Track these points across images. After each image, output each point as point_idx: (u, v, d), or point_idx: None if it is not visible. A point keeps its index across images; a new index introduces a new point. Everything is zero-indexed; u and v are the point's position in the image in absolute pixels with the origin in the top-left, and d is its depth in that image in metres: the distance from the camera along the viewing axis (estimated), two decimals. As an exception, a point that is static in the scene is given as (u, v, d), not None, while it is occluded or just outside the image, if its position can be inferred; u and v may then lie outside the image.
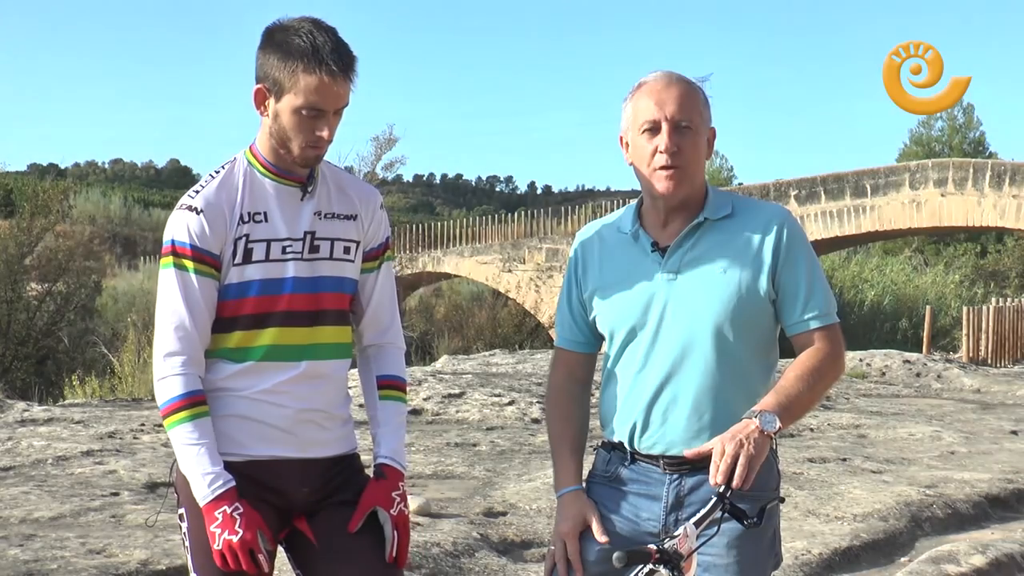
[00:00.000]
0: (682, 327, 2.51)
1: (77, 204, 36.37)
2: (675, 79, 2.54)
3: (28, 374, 19.63)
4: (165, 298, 2.53)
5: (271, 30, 2.52)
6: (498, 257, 31.43)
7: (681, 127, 2.50)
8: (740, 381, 2.51)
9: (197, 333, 2.52)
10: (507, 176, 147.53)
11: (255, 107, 2.55)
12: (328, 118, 2.50)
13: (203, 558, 2.53)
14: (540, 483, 6.72)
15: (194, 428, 2.49)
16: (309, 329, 2.58)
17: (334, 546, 2.58)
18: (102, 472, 6.78)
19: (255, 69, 2.53)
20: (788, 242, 2.52)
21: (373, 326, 2.74)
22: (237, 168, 2.59)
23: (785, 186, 27.54)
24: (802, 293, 2.52)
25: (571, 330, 2.70)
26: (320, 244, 2.59)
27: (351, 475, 2.68)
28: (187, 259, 2.51)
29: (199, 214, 2.51)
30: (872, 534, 6.02)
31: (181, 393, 2.50)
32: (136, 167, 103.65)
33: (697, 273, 2.52)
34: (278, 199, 2.57)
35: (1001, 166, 25.31)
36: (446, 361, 14.67)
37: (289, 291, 2.55)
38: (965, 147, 44.83)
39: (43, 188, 23.62)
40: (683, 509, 2.50)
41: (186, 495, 2.56)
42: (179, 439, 2.51)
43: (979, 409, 11.98)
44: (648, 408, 2.53)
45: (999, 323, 19.72)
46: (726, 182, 47.03)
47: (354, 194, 2.68)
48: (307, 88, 2.45)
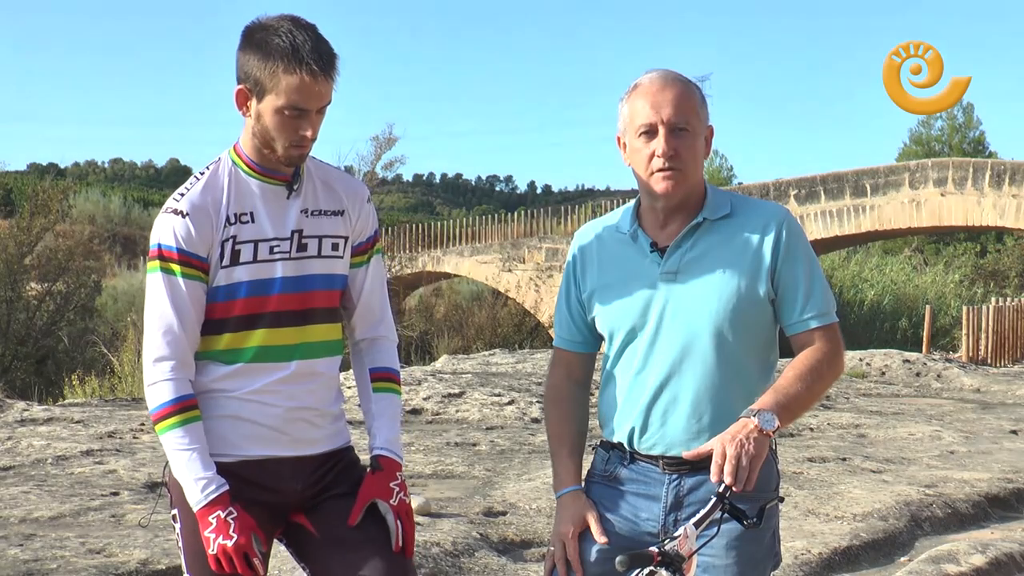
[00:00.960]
0: (681, 328, 2.50)
1: (77, 204, 36.34)
2: (671, 80, 2.52)
3: (28, 374, 19.62)
4: (153, 302, 2.53)
5: (250, 29, 2.51)
6: (498, 257, 31.41)
7: (678, 130, 2.49)
8: (739, 381, 2.51)
9: (186, 337, 2.51)
10: (507, 176, 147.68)
11: (237, 108, 2.54)
12: (311, 117, 2.49)
13: (195, 559, 2.53)
14: (540, 483, 6.72)
15: (185, 433, 2.49)
16: (299, 329, 2.57)
17: (337, 535, 2.58)
18: (102, 472, 6.78)
19: (236, 69, 2.52)
20: (787, 242, 2.51)
21: (364, 320, 2.73)
22: (222, 169, 2.58)
23: (785, 186, 27.53)
24: (801, 293, 2.51)
25: (569, 330, 2.69)
26: (308, 242, 2.58)
27: (345, 468, 2.67)
28: (174, 263, 2.50)
29: (185, 217, 2.51)
30: (872, 534, 6.02)
31: (171, 398, 2.49)
32: (136, 167, 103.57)
33: (696, 274, 2.51)
34: (264, 199, 2.56)
35: (1001, 166, 25.30)
36: (446, 361, 14.66)
37: (278, 291, 2.55)
38: (965, 147, 44.80)
39: (43, 188, 23.56)
40: (682, 509, 2.50)
41: (179, 496, 2.56)
42: (171, 444, 2.50)
43: (979, 409, 11.98)
44: (647, 409, 2.53)
45: (999, 323, 19.72)
46: (726, 182, 47.01)
47: (340, 189, 2.67)
48: (288, 88, 2.44)
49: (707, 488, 2.46)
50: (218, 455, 2.53)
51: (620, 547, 2.47)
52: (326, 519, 2.60)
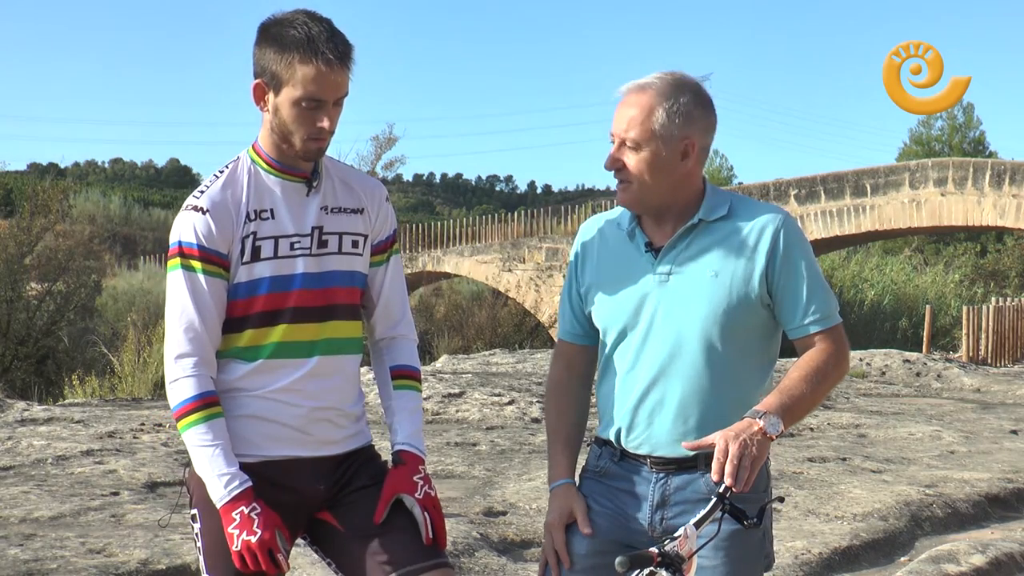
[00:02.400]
0: (671, 329, 2.50)
1: (77, 204, 36.38)
2: (635, 91, 2.51)
3: (28, 374, 19.63)
4: (174, 300, 2.52)
5: (266, 25, 2.52)
6: (498, 257, 31.42)
7: (625, 144, 2.50)
8: (729, 385, 2.50)
9: (207, 334, 2.51)
10: (507, 175, 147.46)
11: (255, 103, 2.54)
12: (328, 108, 2.49)
13: (217, 558, 2.51)
14: (540, 483, 6.72)
15: (208, 429, 2.48)
16: (319, 325, 2.57)
17: (361, 527, 2.56)
18: (102, 472, 6.78)
19: (252, 65, 2.52)
20: (785, 245, 2.50)
21: (384, 320, 2.75)
22: (241, 166, 2.58)
23: (785, 186, 27.53)
24: (802, 297, 2.50)
25: (571, 322, 2.71)
26: (328, 239, 2.59)
27: (366, 462, 2.66)
28: (195, 259, 2.50)
29: (205, 214, 2.50)
30: (872, 534, 6.02)
31: (194, 395, 2.48)
32: (136, 167, 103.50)
33: (688, 275, 2.51)
34: (283, 195, 2.56)
35: (1001, 165, 25.30)
36: (446, 360, 14.65)
37: (298, 287, 2.54)
38: (965, 147, 44.83)
39: (43, 188, 23.60)
40: (668, 508, 2.51)
41: (199, 495, 2.55)
42: (193, 441, 2.49)
43: (979, 409, 11.97)
44: (635, 409, 2.54)
45: (999, 323, 19.72)
46: (726, 182, 47.06)
47: (359, 188, 2.67)
48: (305, 79, 2.44)
49: (693, 488, 2.48)
50: (240, 455, 2.52)
51: (609, 541, 2.52)
52: (349, 512, 2.59)
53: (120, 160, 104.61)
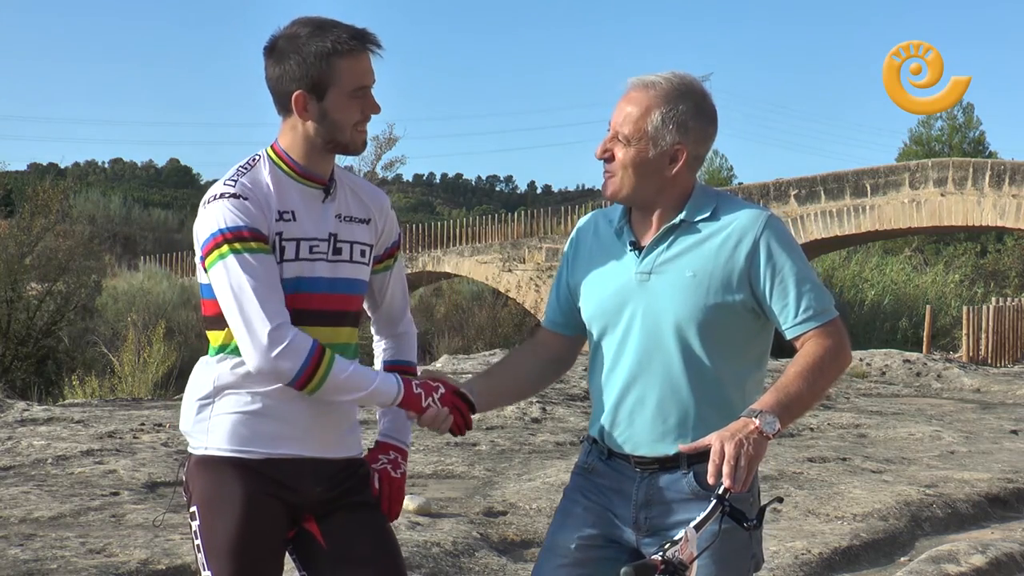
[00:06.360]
0: (648, 329, 2.51)
1: (77, 204, 36.35)
2: (639, 88, 2.53)
3: (28, 374, 19.62)
4: (236, 286, 2.43)
5: (276, 40, 2.54)
6: (498, 257, 31.43)
7: (616, 137, 2.53)
8: (707, 386, 2.50)
9: (281, 303, 2.46)
10: (507, 176, 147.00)
11: (296, 114, 2.53)
12: (370, 96, 2.55)
13: (216, 557, 2.51)
14: (540, 483, 6.73)
15: (343, 367, 2.47)
16: (333, 329, 2.59)
17: (343, 554, 2.58)
18: (102, 472, 6.78)
19: (275, 84, 2.53)
20: (766, 246, 2.48)
21: (387, 320, 2.81)
22: (262, 166, 2.58)
23: (785, 186, 27.54)
24: (791, 297, 2.47)
25: (553, 310, 2.74)
26: (342, 247, 2.61)
27: (364, 477, 2.69)
28: (242, 241, 2.45)
29: (244, 200, 2.48)
30: (872, 534, 6.03)
31: (310, 348, 2.44)
32: (136, 167, 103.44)
33: (667, 275, 2.51)
34: (303, 200, 2.57)
35: (1001, 166, 25.32)
36: (446, 361, 14.64)
37: (322, 291, 2.56)
38: (965, 147, 44.82)
39: (43, 188, 23.57)
40: (652, 508, 2.52)
41: (198, 493, 2.55)
42: (340, 386, 2.47)
43: (979, 409, 11.98)
44: (615, 408, 2.56)
45: (999, 323, 19.73)
46: (726, 182, 47.04)
47: (367, 198, 2.70)
48: (349, 71, 2.50)
49: (677, 488, 2.49)
50: (243, 451, 2.53)
51: (597, 535, 2.55)
52: (336, 534, 2.60)
53: (120, 160, 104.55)
